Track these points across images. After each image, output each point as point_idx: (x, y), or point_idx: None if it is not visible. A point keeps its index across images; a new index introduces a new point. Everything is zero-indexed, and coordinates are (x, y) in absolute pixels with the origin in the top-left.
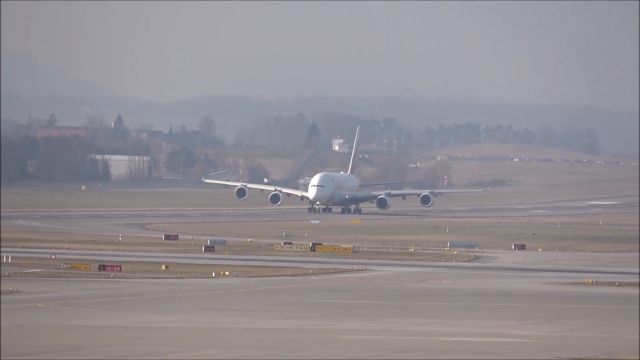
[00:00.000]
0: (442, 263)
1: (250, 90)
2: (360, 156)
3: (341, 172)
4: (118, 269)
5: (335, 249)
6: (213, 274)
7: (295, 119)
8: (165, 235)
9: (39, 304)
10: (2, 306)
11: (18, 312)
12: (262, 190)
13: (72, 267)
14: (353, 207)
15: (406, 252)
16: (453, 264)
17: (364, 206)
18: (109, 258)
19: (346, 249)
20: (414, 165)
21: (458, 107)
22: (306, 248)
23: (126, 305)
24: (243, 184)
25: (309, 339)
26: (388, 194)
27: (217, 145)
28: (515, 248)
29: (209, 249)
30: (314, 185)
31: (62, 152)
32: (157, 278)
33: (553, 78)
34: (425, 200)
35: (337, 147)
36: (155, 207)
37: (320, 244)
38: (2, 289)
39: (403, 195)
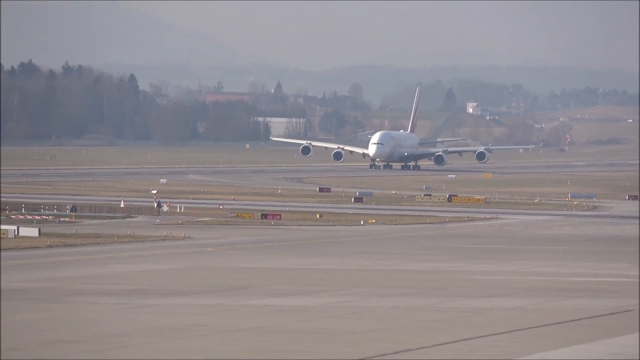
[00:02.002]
0: (564, 212)
1: (393, 60)
2: (490, 117)
3: (401, 131)
4: (278, 217)
5: (469, 199)
6: (361, 222)
7: (434, 85)
8: (319, 188)
9: (209, 249)
10: (176, 250)
11: (190, 255)
12: (325, 147)
13: (237, 216)
14: (412, 164)
15: (532, 202)
16: (574, 212)
17: (423, 163)
18: (270, 208)
19: (479, 199)
20: (539, 126)
21: (577, 74)
22: (444, 199)
23: (285, 249)
24: (308, 141)
25: (446, 279)
26: (445, 151)
27: (365, 108)
28: (628, 198)
29: (358, 199)
30: (374, 143)
31: (228, 115)
32: (312, 225)
33: None
34: (480, 156)
35: (470, 110)
36: (309, 163)
37: (456, 195)
38: (177, 235)
39: (460, 152)
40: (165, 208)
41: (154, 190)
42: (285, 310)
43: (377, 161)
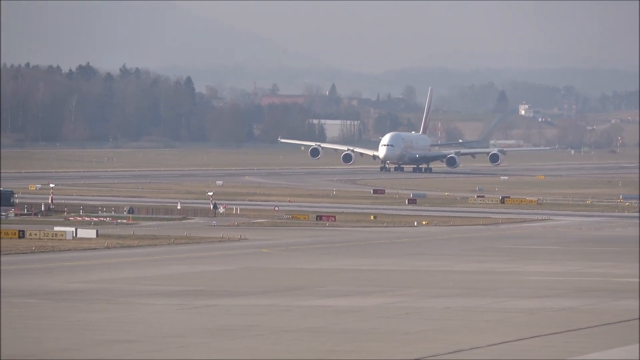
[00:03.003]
0: (616, 213)
1: (446, 62)
2: (542, 119)
3: (412, 132)
4: (333, 218)
5: (521, 201)
6: (415, 223)
7: (486, 87)
8: (373, 190)
9: (264, 250)
10: (232, 252)
11: (246, 256)
12: (335, 149)
13: (292, 217)
14: (424, 166)
15: (584, 204)
16: (625, 214)
17: (435, 165)
18: (324, 209)
19: (531, 201)
20: (591, 128)
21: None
22: (496, 200)
23: (340, 250)
24: (317, 143)
25: (498, 280)
26: (457, 153)
27: (418, 110)
28: None
29: (412, 201)
30: (384, 145)
31: (283, 117)
32: (367, 227)
33: None
34: (493, 158)
35: (522, 112)
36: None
37: (509, 197)
38: (232, 236)
39: (473, 154)
40: (221, 210)
41: (210, 192)
42: (340, 310)
43: (388, 163)
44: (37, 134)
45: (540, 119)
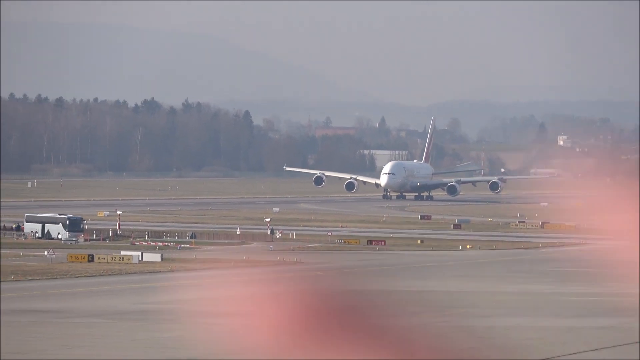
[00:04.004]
0: None
1: (489, 95)
2: (579, 149)
3: (415, 161)
4: (382, 243)
5: (561, 226)
6: (460, 247)
7: (527, 119)
8: (420, 216)
9: (318, 273)
10: (288, 274)
11: (301, 279)
12: (339, 177)
13: (344, 242)
14: (425, 194)
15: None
16: None
17: (437, 193)
18: (374, 234)
19: (570, 226)
20: (625, 157)
21: None
22: (537, 225)
23: (390, 273)
24: (321, 172)
25: (538, 300)
26: (458, 181)
27: (462, 141)
28: None
29: (457, 226)
30: (386, 173)
31: (336, 147)
32: (414, 250)
33: None
34: (494, 186)
35: (561, 142)
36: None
37: (548, 222)
38: (288, 260)
39: (473, 182)
40: (278, 235)
41: (267, 218)
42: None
43: (390, 191)
44: (105, 165)
45: (577, 149)
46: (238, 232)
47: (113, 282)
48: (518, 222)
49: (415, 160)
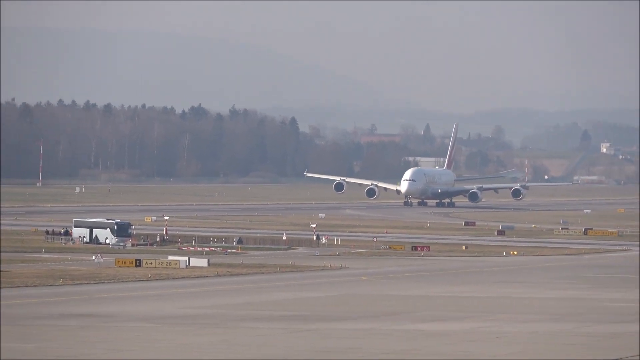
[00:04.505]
0: None
1: (533, 102)
2: (622, 157)
3: (436, 167)
4: (427, 249)
5: (603, 232)
6: (504, 253)
7: (570, 127)
8: (465, 222)
9: (363, 278)
10: (333, 279)
11: (346, 284)
12: (359, 184)
13: (390, 247)
14: (447, 201)
15: None
16: None
17: (458, 200)
18: (419, 240)
19: (612, 232)
20: None
21: None
22: (580, 232)
23: (433, 279)
24: (342, 178)
25: (581, 306)
26: (480, 188)
27: (506, 148)
28: None
29: (501, 232)
30: (406, 180)
31: (381, 154)
32: (459, 256)
33: None
34: (516, 193)
35: (604, 150)
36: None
37: (591, 229)
38: (334, 265)
39: (496, 189)
40: (323, 240)
41: (313, 224)
42: (433, 334)
43: (410, 198)
44: (153, 170)
45: (620, 157)
46: (284, 238)
47: (160, 286)
48: (561, 228)
49: (437, 167)
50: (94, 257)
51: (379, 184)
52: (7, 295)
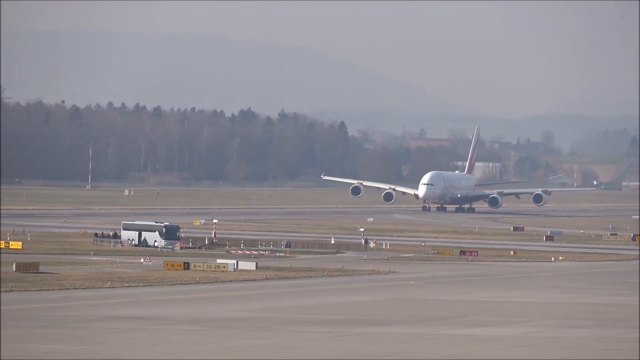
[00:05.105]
0: None
1: (582, 108)
2: None
3: (456, 172)
4: (475, 254)
5: None
6: (552, 258)
7: (619, 133)
8: (513, 227)
9: (411, 282)
10: (381, 283)
11: (394, 288)
12: (377, 188)
13: (438, 252)
14: (467, 206)
15: None
16: None
17: (478, 205)
18: (467, 245)
19: None
20: None
21: None
22: (628, 238)
23: (481, 284)
24: (359, 181)
25: (629, 312)
26: (500, 193)
27: (555, 154)
28: None
29: (549, 238)
30: (424, 184)
31: (430, 159)
32: (507, 261)
33: None
34: (537, 199)
35: None
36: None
37: None
38: (382, 269)
39: (517, 194)
40: (372, 244)
41: (361, 228)
42: (481, 339)
43: (428, 203)
44: (202, 173)
45: None
46: (332, 242)
47: (208, 289)
48: (610, 234)
49: (457, 172)
50: (142, 260)
51: (397, 188)
52: (56, 297)
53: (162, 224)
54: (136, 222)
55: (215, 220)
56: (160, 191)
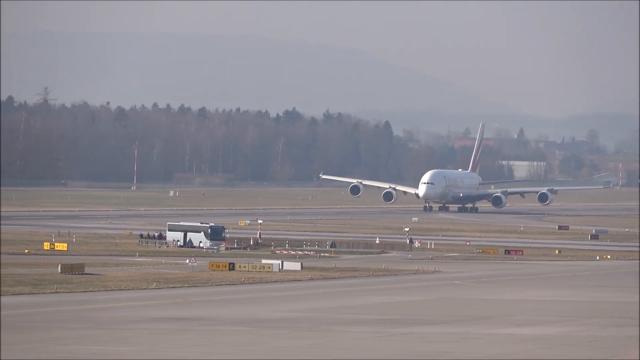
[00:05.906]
0: None
1: (627, 107)
2: None
3: (459, 170)
4: (520, 253)
5: None
6: (597, 257)
7: None
8: (558, 226)
9: (456, 282)
10: (426, 283)
11: (439, 288)
12: (378, 187)
13: (483, 251)
14: (469, 205)
15: None
16: None
17: (482, 205)
18: (512, 244)
19: None
20: None
21: None
22: None
23: (527, 283)
24: (358, 180)
25: None
26: (504, 192)
27: (600, 152)
28: None
29: (594, 237)
30: (424, 183)
31: None
32: (552, 260)
33: None
34: (542, 198)
35: None
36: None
37: None
38: (427, 269)
39: (522, 193)
40: (416, 244)
41: (406, 227)
42: (526, 338)
43: (429, 202)
44: (246, 174)
45: None
46: (377, 241)
47: (254, 290)
48: None
49: (460, 170)
50: (187, 261)
51: (397, 187)
52: (101, 299)
53: (208, 225)
54: (181, 223)
55: (260, 221)
56: (205, 192)
